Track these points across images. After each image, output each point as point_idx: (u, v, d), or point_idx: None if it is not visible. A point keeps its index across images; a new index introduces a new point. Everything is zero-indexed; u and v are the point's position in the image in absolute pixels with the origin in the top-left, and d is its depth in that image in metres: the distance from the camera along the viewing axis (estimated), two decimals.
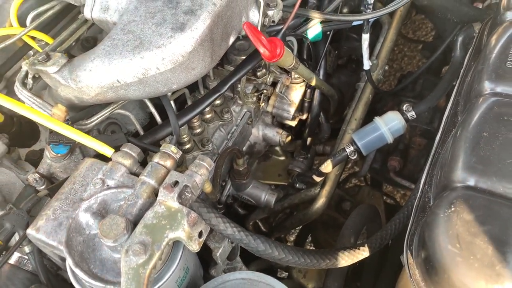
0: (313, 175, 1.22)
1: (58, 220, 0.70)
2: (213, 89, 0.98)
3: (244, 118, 1.21)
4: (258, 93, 1.20)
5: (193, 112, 0.95)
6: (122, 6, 0.85)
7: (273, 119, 1.35)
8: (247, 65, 0.99)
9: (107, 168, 0.74)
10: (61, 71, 0.82)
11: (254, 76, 1.15)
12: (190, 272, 0.77)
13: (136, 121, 0.94)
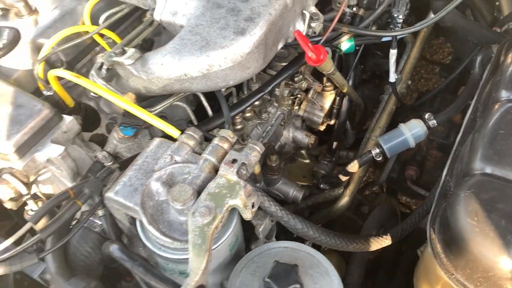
0: (340, 174, 1.33)
1: (134, 186, 0.83)
2: (258, 88, 1.11)
3: (278, 119, 1.34)
4: (293, 97, 1.33)
5: (240, 107, 1.08)
6: (190, 12, 0.99)
7: (302, 123, 1.48)
8: (289, 70, 1.13)
9: (175, 146, 0.87)
10: (135, 64, 0.96)
11: (292, 81, 1.28)
12: (238, 242, 0.89)
13: (191, 111, 1.07)
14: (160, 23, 1.04)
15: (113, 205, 0.84)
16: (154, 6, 1.05)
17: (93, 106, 1.17)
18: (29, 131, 0.93)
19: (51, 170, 0.97)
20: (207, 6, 0.97)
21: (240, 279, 0.81)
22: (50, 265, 0.83)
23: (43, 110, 0.96)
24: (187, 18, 0.98)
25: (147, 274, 0.77)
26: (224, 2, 0.97)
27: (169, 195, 0.79)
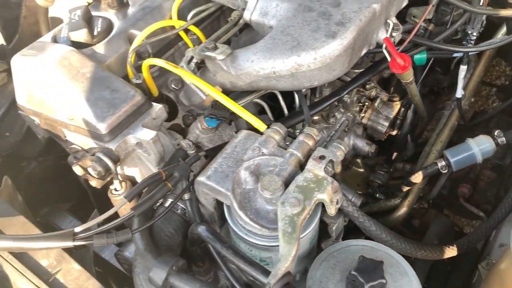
0: (402, 184, 1.35)
1: (225, 173, 0.87)
2: (334, 92, 1.15)
3: (342, 125, 1.36)
4: (361, 104, 1.36)
5: (317, 108, 1.12)
6: (280, 13, 1.03)
7: (363, 131, 1.50)
8: (366, 76, 1.16)
9: (262, 139, 0.91)
10: (225, 60, 1.01)
11: (363, 88, 1.31)
12: (315, 238, 0.92)
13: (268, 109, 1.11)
14: (249, 23, 1.09)
15: (203, 189, 0.88)
16: (244, 7, 1.10)
17: (172, 98, 1.22)
18: (122, 114, 0.99)
19: (138, 153, 1.03)
20: (299, 9, 1.01)
21: (321, 272, 0.84)
22: (138, 242, 0.87)
23: (136, 96, 1.01)
24: (278, 20, 1.03)
25: (236, 256, 0.80)
26: (315, 6, 1.01)
27: (259, 184, 0.82)
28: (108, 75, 1.04)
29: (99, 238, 0.82)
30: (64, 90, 1.02)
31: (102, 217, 0.86)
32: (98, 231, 0.83)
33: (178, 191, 0.95)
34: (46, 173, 1.72)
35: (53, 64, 1.03)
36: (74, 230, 0.83)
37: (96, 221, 0.86)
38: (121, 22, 1.18)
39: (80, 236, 0.82)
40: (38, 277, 0.86)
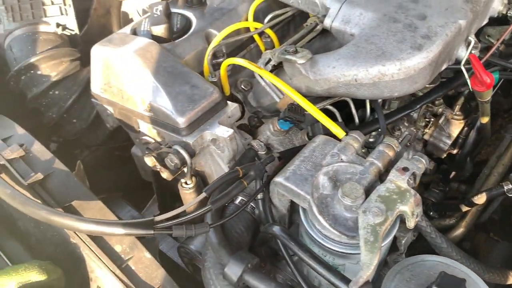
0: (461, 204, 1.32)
1: (304, 176, 0.87)
2: (407, 104, 1.14)
3: (405, 139, 1.35)
4: (427, 119, 1.35)
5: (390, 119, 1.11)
6: (364, 22, 1.03)
7: (423, 147, 1.48)
8: (440, 92, 1.15)
9: (341, 146, 0.91)
10: (305, 64, 1.01)
11: (432, 104, 1.30)
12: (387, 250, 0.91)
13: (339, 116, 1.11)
14: (329, 29, 1.09)
15: (280, 190, 0.88)
16: (324, 13, 1.11)
17: (240, 98, 1.23)
18: (200, 110, 1.01)
19: (211, 149, 1.04)
20: (383, 19, 1.01)
21: (395, 284, 0.83)
22: (212, 237, 0.88)
23: (214, 93, 1.03)
24: (361, 28, 1.03)
25: (315, 260, 0.80)
26: (400, 18, 1.01)
27: (339, 190, 0.82)
28: (188, 71, 1.06)
29: (178, 229, 0.84)
30: (145, 82, 1.04)
31: (182, 208, 0.87)
32: (178, 222, 0.85)
33: (249, 190, 0.96)
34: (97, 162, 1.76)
35: (135, 56, 1.06)
36: (155, 219, 0.84)
37: (175, 212, 0.87)
38: (199, 21, 1.20)
39: (160, 226, 0.84)
40: (113, 261, 0.88)
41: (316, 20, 1.16)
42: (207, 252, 0.92)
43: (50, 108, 1.37)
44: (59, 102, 1.37)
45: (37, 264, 0.81)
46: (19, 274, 0.78)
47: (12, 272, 0.78)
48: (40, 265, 0.81)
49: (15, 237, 1.02)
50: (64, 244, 0.91)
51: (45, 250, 0.97)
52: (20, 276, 0.78)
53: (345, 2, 1.07)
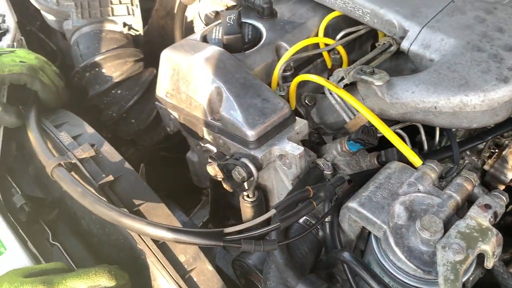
0: None
1: (380, 204, 0.85)
2: (478, 135, 1.10)
3: (465, 167, 1.31)
4: (492, 150, 1.30)
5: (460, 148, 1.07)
6: (445, 48, 1.00)
7: (481, 177, 1.44)
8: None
9: (419, 175, 0.88)
10: (381, 86, 0.99)
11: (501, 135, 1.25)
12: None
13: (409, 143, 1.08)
14: (405, 52, 1.07)
15: (353, 216, 0.86)
16: (402, 35, 1.08)
17: (302, 113, 1.22)
18: (270, 124, 0.99)
19: (276, 165, 1.02)
20: (467, 47, 0.98)
21: None
22: (278, 256, 0.87)
23: (284, 108, 1.02)
24: (442, 54, 1.00)
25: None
26: (485, 47, 0.97)
27: (418, 222, 0.80)
28: (260, 84, 1.05)
29: (247, 243, 0.82)
30: (216, 92, 1.04)
31: (251, 223, 0.86)
32: (247, 236, 0.83)
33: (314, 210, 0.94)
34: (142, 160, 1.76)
35: (208, 64, 1.05)
36: (224, 230, 0.84)
37: (243, 226, 0.86)
38: (270, 33, 1.19)
39: (229, 238, 0.83)
40: (176, 271, 0.87)
41: (390, 41, 1.13)
42: (270, 271, 0.91)
43: (111, 107, 1.38)
44: (120, 101, 1.38)
45: (107, 269, 0.80)
46: (90, 278, 0.78)
47: (84, 275, 0.78)
48: (110, 270, 0.81)
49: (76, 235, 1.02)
50: (129, 249, 0.90)
51: (106, 252, 0.97)
52: (91, 280, 0.78)
53: (426, 26, 1.04)
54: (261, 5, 1.22)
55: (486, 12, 1.06)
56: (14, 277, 0.77)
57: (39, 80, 1.11)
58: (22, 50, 1.20)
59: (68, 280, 0.77)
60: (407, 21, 1.07)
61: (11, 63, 1.08)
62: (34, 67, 1.11)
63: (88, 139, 1.02)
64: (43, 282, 0.76)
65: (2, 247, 0.92)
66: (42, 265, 0.84)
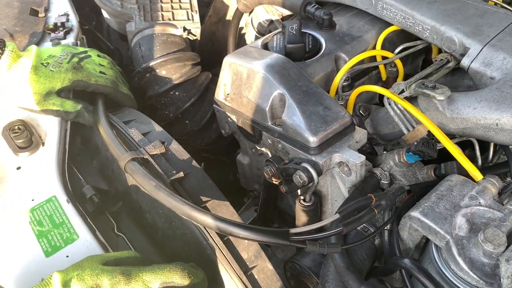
0: None
1: (443, 214, 0.87)
2: None
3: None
4: None
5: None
6: (507, 67, 1.02)
7: None
8: None
9: (480, 189, 0.90)
10: (443, 101, 1.02)
11: None
12: None
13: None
14: (465, 69, 1.09)
15: (415, 225, 0.89)
16: (462, 52, 1.11)
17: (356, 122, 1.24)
18: (332, 132, 1.03)
19: (334, 172, 1.06)
20: None
21: None
22: (339, 260, 0.90)
23: (345, 117, 1.05)
24: (504, 73, 1.02)
25: None
26: None
27: (481, 235, 0.82)
28: (322, 92, 1.08)
29: (312, 244, 0.86)
30: (279, 98, 1.08)
31: (316, 225, 0.89)
32: (312, 237, 0.87)
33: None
34: None
35: (272, 70, 1.09)
36: (290, 231, 0.87)
37: (308, 228, 0.89)
38: (329, 43, 1.23)
39: (295, 238, 0.86)
40: (240, 267, 0.91)
41: (448, 57, 1.16)
42: (328, 274, 0.94)
43: (168, 107, 1.44)
44: (177, 102, 1.43)
45: (180, 267, 0.84)
46: (164, 274, 0.82)
47: (159, 271, 0.82)
48: (183, 268, 0.85)
49: (139, 228, 1.07)
50: (194, 243, 0.94)
51: (170, 246, 1.01)
52: (165, 276, 0.82)
53: (488, 44, 1.07)
54: (322, 16, 1.26)
55: None
56: (95, 264, 0.82)
57: (120, 92, 1.19)
58: (93, 51, 1.26)
59: (144, 274, 0.82)
60: (468, 38, 1.10)
61: (96, 74, 1.17)
62: (115, 81, 1.21)
63: (157, 136, 1.07)
64: (122, 273, 0.80)
65: (75, 234, 0.97)
66: (116, 253, 0.89)
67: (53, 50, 1.19)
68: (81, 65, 1.15)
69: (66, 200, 1.01)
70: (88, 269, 0.80)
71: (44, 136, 1.15)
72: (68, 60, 1.13)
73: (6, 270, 0.91)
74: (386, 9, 1.24)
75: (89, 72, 1.15)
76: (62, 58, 1.13)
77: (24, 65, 1.10)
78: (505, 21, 1.12)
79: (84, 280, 0.79)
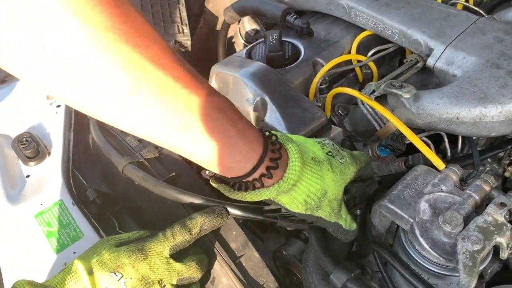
0: None
1: (407, 201, 0.97)
2: (500, 144, 1.21)
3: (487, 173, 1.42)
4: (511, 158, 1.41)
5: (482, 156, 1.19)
6: (467, 65, 1.12)
7: (502, 184, 1.54)
8: None
9: (442, 177, 1.00)
10: (409, 98, 1.12)
11: None
12: None
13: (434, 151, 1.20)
14: (430, 68, 1.19)
15: (384, 211, 0.99)
16: (428, 53, 1.21)
17: (335, 121, 1.35)
18: (309, 131, 1.13)
19: None
20: (486, 65, 1.10)
21: None
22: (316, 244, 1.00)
23: (322, 117, 1.15)
24: (464, 70, 1.12)
25: (414, 277, 0.89)
26: (503, 64, 1.09)
27: (441, 217, 0.92)
28: (300, 95, 1.19)
29: (283, 220, 0.98)
30: (261, 102, 1.18)
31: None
32: (283, 214, 0.98)
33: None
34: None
35: (254, 78, 1.20)
36: (263, 207, 0.98)
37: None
38: (307, 50, 1.33)
39: (268, 214, 0.98)
40: (229, 256, 1.01)
41: (416, 58, 1.26)
42: (309, 259, 1.04)
43: None
44: None
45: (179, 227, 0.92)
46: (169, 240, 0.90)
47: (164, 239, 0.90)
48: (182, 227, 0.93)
49: (139, 226, 1.17)
50: None
51: None
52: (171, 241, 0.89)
53: (450, 45, 1.17)
54: (300, 25, 1.36)
55: (505, 33, 1.18)
56: (109, 247, 0.88)
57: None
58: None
59: (154, 246, 0.89)
60: (433, 40, 1.20)
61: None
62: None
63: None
64: (137, 250, 0.87)
65: (81, 233, 1.08)
66: (126, 234, 0.95)
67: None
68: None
69: (72, 202, 1.12)
70: (105, 253, 0.86)
71: (50, 146, 1.26)
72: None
73: (21, 267, 1.03)
74: (358, 15, 1.34)
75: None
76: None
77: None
78: (466, 23, 1.22)
79: (105, 265, 0.84)
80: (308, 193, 0.83)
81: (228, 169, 0.77)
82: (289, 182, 0.78)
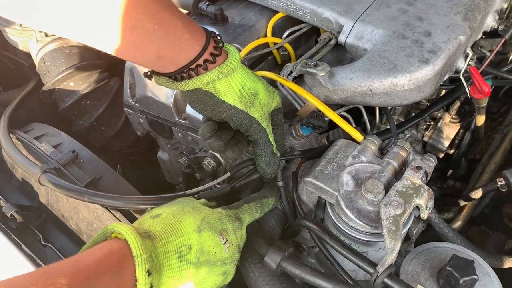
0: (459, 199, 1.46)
1: (330, 175, 1.00)
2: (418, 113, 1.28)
3: (408, 140, 1.49)
4: (427, 124, 1.49)
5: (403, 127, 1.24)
6: (375, 38, 1.16)
7: (422, 148, 1.62)
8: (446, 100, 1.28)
9: (361, 148, 1.03)
10: (324, 76, 1.14)
11: None
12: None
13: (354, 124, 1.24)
14: (342, 44, 1.22)
15: (310, 188, 1.01)
16: (339, 30, 1.23)
17: None
18: None
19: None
20: (393, 36, 1.14)
21: (412, 267, 0.96)
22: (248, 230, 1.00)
23: None
24: (373, 44, 1.16)
25: (345, 247, 0.92)
26: (408, 34, 1.14)
27: (362, 187, 0.95)
28: None
29: (205, 193, 0.98)
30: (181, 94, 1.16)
31: (208, 185, 1.01)
32: (204, 188, 1.00)
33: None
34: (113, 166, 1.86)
35: None
36: (186, 192, 0.98)
37: (202, 187, 1.00)
38: (224, 36, 1.32)
39: (191, 192, 0.98)
40: None
41: (329, 36, 1.28)
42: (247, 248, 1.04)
43: (81, 117, 1.47)
44: (90, 111, 1.47)
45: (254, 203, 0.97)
46: (248, 213, 0.95)
47: (248, 209, 0.95)
48: (256, 202, 0.99)
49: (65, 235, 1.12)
50: None
51: None
52: (250, 215, 0.96)
53: (358, 20, 1.20)
54: (213, 12, 1.34)
55: (408, 4, 1.23)
56: (207, 209, 0.86)
57: None
58: None
59: (246, 216, 0.94)
60: (342, 17, 1.23)
61: None
62: None
63: (68, 147, 1.12)
64: (236, 217, 0.89)
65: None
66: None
67: None
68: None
69: None
70: (209, 213, 0.83)
71: None
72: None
73: None
74: None
75: None
76: None
77: None
78: None
79: (212, 226, 0.82)
80: (243, 85, 0.89)
81: (171, 61, 0.81)
82: (230, 65, 0.84)
